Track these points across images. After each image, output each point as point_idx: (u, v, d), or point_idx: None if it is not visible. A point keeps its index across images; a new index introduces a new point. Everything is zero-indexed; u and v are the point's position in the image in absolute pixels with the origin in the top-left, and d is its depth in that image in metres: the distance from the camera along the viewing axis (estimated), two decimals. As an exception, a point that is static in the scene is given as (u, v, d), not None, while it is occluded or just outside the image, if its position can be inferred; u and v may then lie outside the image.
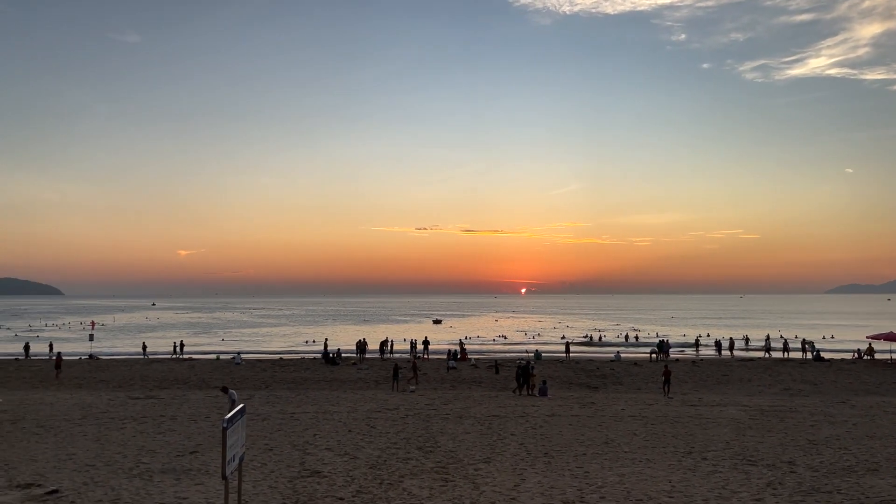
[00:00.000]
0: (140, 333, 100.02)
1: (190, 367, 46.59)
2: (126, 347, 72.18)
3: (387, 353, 56.38)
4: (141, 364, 48.80)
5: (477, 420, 22.62)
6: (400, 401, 28.22)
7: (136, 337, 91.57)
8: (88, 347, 69.68)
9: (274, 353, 63.55)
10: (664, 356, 53.29)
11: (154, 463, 15.80)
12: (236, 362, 49.40)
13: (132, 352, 65.15)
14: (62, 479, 14.19)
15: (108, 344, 76.40)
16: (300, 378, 39.77)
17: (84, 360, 53.48)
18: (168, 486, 13.65)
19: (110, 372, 42.81)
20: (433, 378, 39.85)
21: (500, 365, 44.22)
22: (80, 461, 15.99)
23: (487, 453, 17.04)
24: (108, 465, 15.62)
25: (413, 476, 14.57)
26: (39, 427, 21.09)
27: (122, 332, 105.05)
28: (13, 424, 21.62)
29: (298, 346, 75.53)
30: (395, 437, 19.24)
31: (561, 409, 25.75)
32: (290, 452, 17.12)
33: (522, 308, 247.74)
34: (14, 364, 50.09)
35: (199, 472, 14.82)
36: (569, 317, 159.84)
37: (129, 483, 13.86)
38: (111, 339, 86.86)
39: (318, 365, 48.28)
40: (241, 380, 38.81)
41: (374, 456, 16.66)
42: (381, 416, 23.63)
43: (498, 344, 77.77)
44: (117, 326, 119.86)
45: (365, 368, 45.40)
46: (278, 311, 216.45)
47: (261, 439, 18.82)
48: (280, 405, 26.70)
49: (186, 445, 18.00)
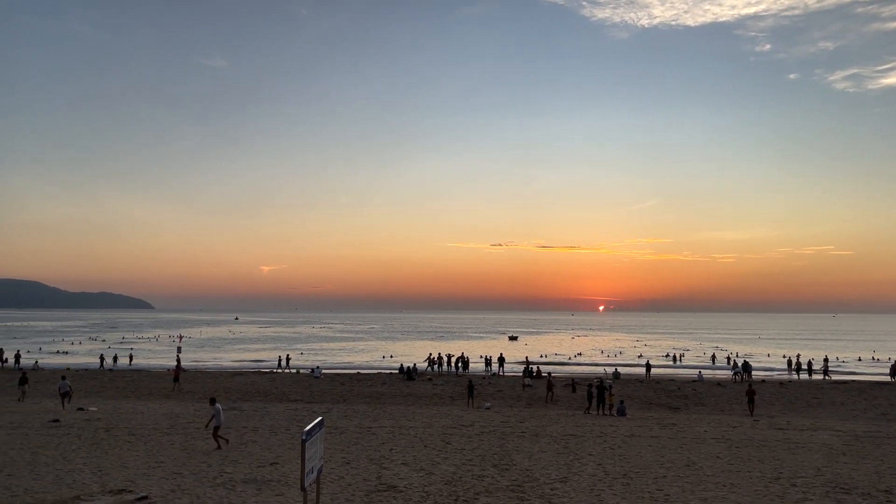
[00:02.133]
0: (225, 346, 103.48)
1: (271, 380, 47.84)
2: (211, 359, 74.70)
3: (461, 370, 56.41)
4: (225, 376, 50.40)
5: (553, 439, 22.30)
6: (475, 417, 28.14)
7: (220, 349, 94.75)
8: (175, 359, 72.58)
9: (352, 368, 64.55)
10: (748, 377, 51.33)
11: (236, 473, 16.25)
12: (315, 376, 50.41)
13: (218, 364, 67.35)
14: (151, 485, 14.77)
15: (194, 356, 79.26)
16: (377, 392, 40.21)
17: (174, 372, 55.69)
18: (249, 495, 14.00)
19: (196, 383, 44.39)
20: (509, 395, 39.58)
21: (576, 383, 43.54)
22: (167, 469, 16.61)
23: (564, 473, 16.75)
24: (193, 473, 16.16)
25: (488, 494, 14.47)
26: (131, 435, 22.04)
27: (208, 344, 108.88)
28: (107, 432, 22.67)
29: (376, 360, 76.46)
30: (470, 454, 19.17)
31: (640, 429, 25.10)
32: (367, 466, 17.29)
33: (600, 326, 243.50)
34: (108, 374, 52.62)
35: (279, 483, 15.15)
36: (648, 335, 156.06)
37: (212, 492, 14.29)
38: (197, 351, 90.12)
39: (395, 380, 48.73)
40: (319, 393, 39.56)
41: (450, 472, 16.64)
42: (457, 432, 23.60)
43: (574, 362, 76.57)
44: (203, 339, 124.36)
45: (440, 384, 45.54)
46: (356, 325, 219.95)
47: (338, 452, 19.09)
48: (357, 419, 27.04)
49: (267, 456, 18.44)
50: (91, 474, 15.86)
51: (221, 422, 20.09)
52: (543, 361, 72.14)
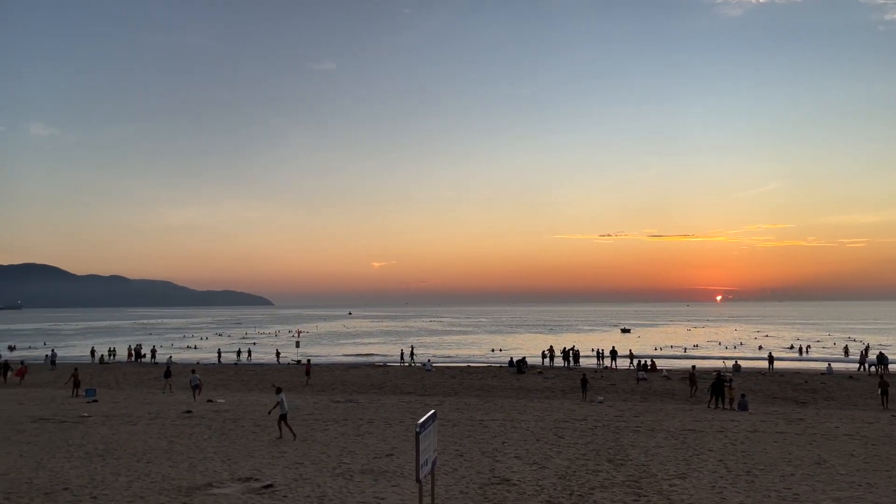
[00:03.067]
0: (340, 340, 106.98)
1: (384, 373, 49.03)
2: (327, 353, 77.37)
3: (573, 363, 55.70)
4: (341, 369, 52.06)
5: (670, 434, 21.63)
6: (588, 411, 27.72)
7: (334, 344, 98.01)
8: (295, 354, 75.71)
9: (462, 361, 65.12)
10: (883, 369, 47.83)
11: (354, 463, 16.76)
12: (427, 369, 51.21)
13: (333, 359, 69.64)
14: (275, 474, 15.48)
15: (312, 351, 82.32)
16: (488, 385, 40.37)
17: (292, 366, 58.15)
18: (367, 486, 14.41)
19: (314, 377, 46.11)
20: (622, 389, 38.75)
21: (694, 377, 42.02)
22: (290, 459, 17.35)
23: (683, 469, 16.21)
24: (314, 463, 16.80)
25: (604, 489, 14.22)
26: (256, 426, 23.19)
27: (323, 339, 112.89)
28: (234, 423, 23.95)
29: (485, 354, 76.77)
30: (584, 449, 18.91)
31: (764, 424, 23.91)
32: (480, 459, 17.40)
33: (717, 316, 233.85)
34: (234, 368, 55.58)
35: (394, 474, 15.50)
36: (770, 326, 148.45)
37: (332, 481, 14.81)
38: (314, 346, 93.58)
39: (505, 373, 48.76)
40: (431, 386, 40.16)
41: (563, 466, 16.48)
42: (570, 426, 23.34)
43: (690, 355, 73.92)
44: (319, 334, 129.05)
45: (551, 378, 45.16)
46: (465, 319, 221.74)
47: (451, 445, 19.31)
48: (469, 412, 27.26)
49: (383, 448, 18.91)
50: (221, 463, 16.80)
51: (286, 410, 20.85)
52: (658, 354, 70.09)
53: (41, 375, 46.72)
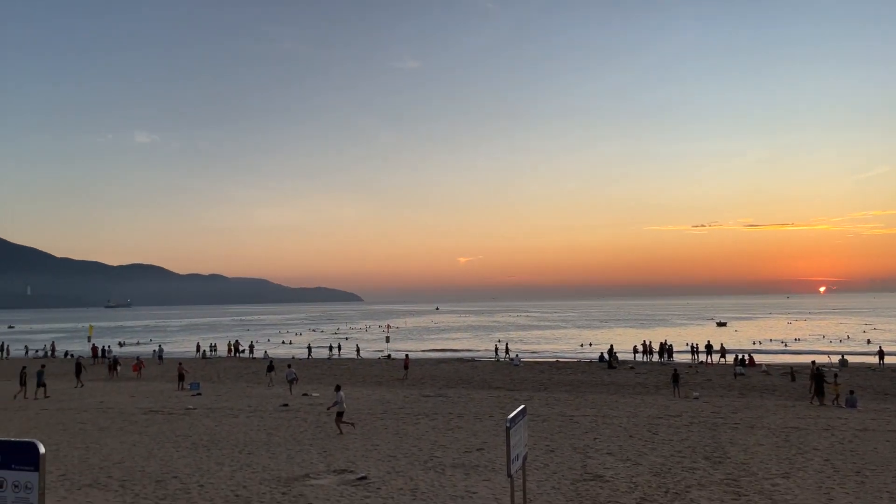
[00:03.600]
0: (428, 335, 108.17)
1: (472, 368, 49.24)
2: (416, 348, 78.37)
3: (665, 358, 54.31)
4: (430, 364, 52.62)
5: (771, 431, 20.76)
6: (683, 407, 26.96)
7: (422, 339, 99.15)
8: (385, 348, 77.12)
9: (551, 356, 64.61)
10: None
11: (445, 457, 16.92)
12: (515, 364, 51.10)
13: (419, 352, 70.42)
14: (369, 466, 15.82)
15: (401, 346, 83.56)
16: (577, 381, 39.90)
17: (382, 360, 59.25)
18: (459, 479, 14.52)
19: (402, 371, 46.78)
20: (718, 385, 37.49)
21: (796, 372, 40.18)
22: (383, 452, 17.70)
23: (786, 468, 15.54)
24: (406, 456, 17.07)
25: (701, 487, 13.81)
26: (349, 419, 23.73)
27: (412, 334, 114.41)
28: (329, 416, 24.60)
29: (574, 349, 75.89)
30: (679, 445, 18.41)
31: (874, 422, 22.61)
32: (571, 455, 17.23)
33: (821, 309, 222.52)
34: (327, 363, 57.13)
35: (485, 469, 15.55)
36: (880, 319, 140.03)
37: (424, 475, 15.01)
38: (403, 341, 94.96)
39: (596, 368, 48.05)
40: (520, 381, 40.04)
41: (658, 463, 16.10)
42: (664, 422, 22.77)
43: (792, 350, 70.68)
44: (408, 329, 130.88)
45: (644, 373, 44.18)
46: (553, 314, 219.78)
47: (542, 440, 19.21)
48: (559, 407, 27.02)
49: (473, 442, 19.00)
50: (317, 455, 17.31)
51: (344, 408, 21.20)
52: (756, 349, 67.39)
53: (150, 370, 49.40)
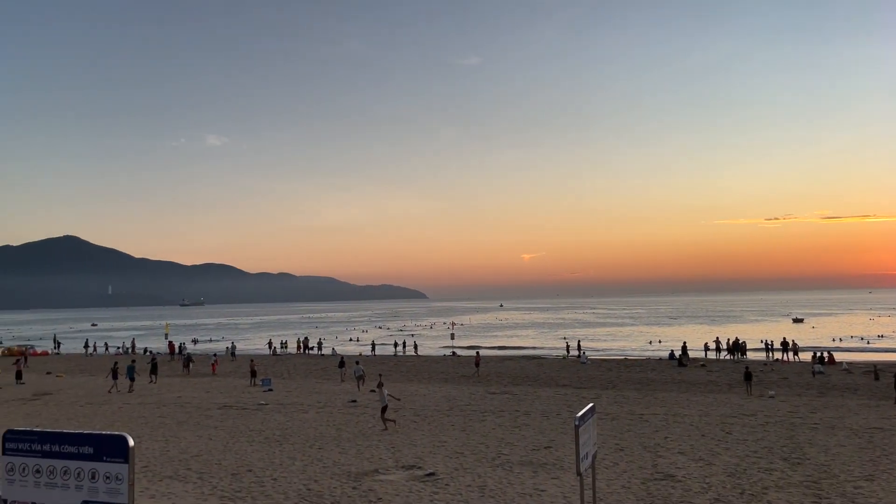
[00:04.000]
0: (493, 332, 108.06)
1: (538, 365, 48.95)
2: (481, 345, 78.41)
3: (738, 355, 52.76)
4: (495, 361, 52.55)
5: (853, 432, 19.93)
6: (757, 406, 26.15)
7: (487, 336, 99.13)
8: (450, 345, 77.43)
9: (618, 353, 63.62)
10: None
11: (513, 455, 16.88)
12: (582, 361, 50.53)
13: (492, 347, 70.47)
14: (437, 463, 15.93)
15: (466, 342, 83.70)
16: (646, 379, 39.17)
17: (448, 357, 59.51)
18: (527, 477, 14.47)
19: (470, 368, 46.88)
20: (795, 384, 36.19)
21: (880, 370, 38.42)
22: (450, 448, 17.79)
23: (869, 470, 14.90)
24: (473, 453, 17.12)
25: (778, 489, 13.38)
26: (416, 416, 23.97)
27: (477, 331, 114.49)
28: (396, 412, 24.87)
29: (642, 346, 74.54)
30: (754, 445, 17.87)
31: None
32: (641, 454, 16.94)
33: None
34: (393, 360, 57.76)
35: (554, 467, 15.45)
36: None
37: (492, 472, 15.01)
38: (468, 337, 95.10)
39: (665, 365, 47.09)
40: (587, 379, 39.57)
41: (733, 464, 15.67)
42: (738, 421, 22.14)
43: (874, 347, 67.63)
44: (472, 326, 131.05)
45: (715, 370, 43.04)
46: (620, 310, 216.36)
47: (611, 439, 18.95)
48: (628, 405, 26.60)
49: (541, 440, 18.90)
50: (385, 450, 17.54)
51: (386, 403, 21.63)
52: (836, 346, 64.76)
53: (223, 366, 50.91)
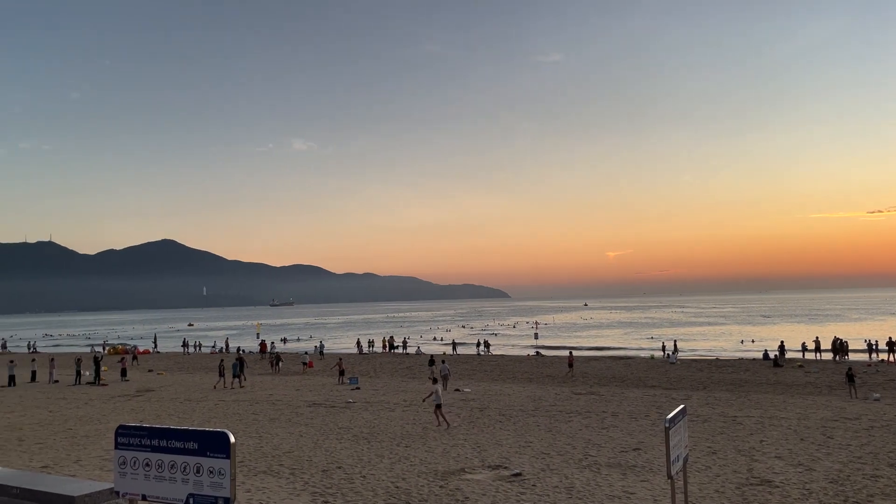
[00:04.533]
0: (578, 331, 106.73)
1: (625, 365, 48.02)
2: (566, 345, 77.60)
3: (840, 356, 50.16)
4: (580, 361, 51.90)
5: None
6: (861, 410, 24.81)
7: (571, 336, 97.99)
8: (533, 344, 76.99)
9: (709, 353, 61.70)
10: None
11: (600, 456, 16.64)
12: (671, 361, 49.26)
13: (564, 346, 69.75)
14: (523, 463, 15.88)
15: (550, 342, 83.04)
16: (739, 380, 37.83)
17: (532, 357, 59.18)
18: (615, 479, 14.24)
19: (554, 367, 46.50)
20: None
21: None
22: (536, 449, 17.70)
23: None
24: (560, 454, 16.97)
25: (885, 497, 12.67)
26: (501, 416, 23.96)
27: (561, 330, 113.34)
28: (481, 412, 24.97)
29: (735, 346, 72.02)
30: (858, 451, 16.97)
31: None
32: (735, 457, 16.38)
33: None
34: (477, 359, 57.92)
35: (643, 469, 15.14)
36: None
37: (579, 473, 14.85)
38: (552, 337, 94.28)
39: (759, 366, 45.34)
40: (676, 379, 38.57)
41: (835, 470, 14.93)
42: (840, 425, 21.07)
43: None
44: (556, 326, 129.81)
45: (814, 371, 41.11)
46: (710, 309, 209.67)
47: (703, 441, 18.41)
48: (720, 407, 25.75)
49: (629, 442, 18.54)
50: (471, 450, 17.61)
51: (440, 401, 21.82)
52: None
53: (310, 367, 52.32)
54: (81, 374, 39.66)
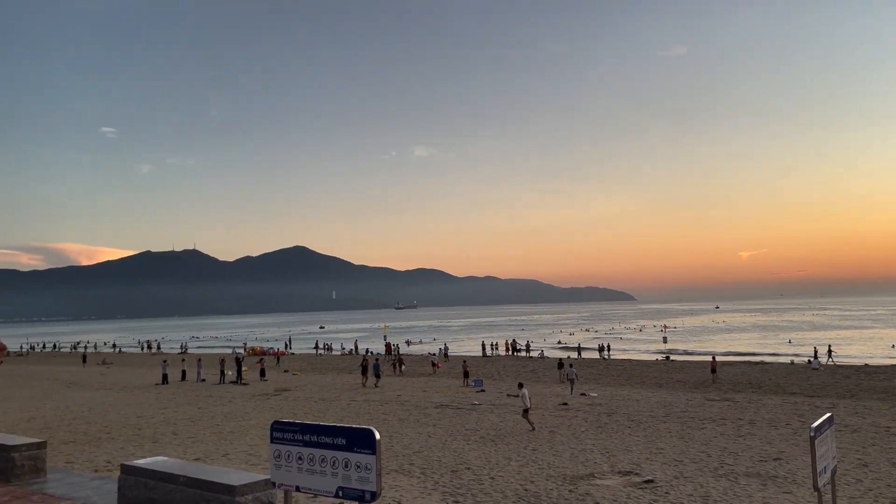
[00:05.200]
0: (709, 335, 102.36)
1: (762, 371, 45.65)
2: (697, 349, 74.59)
3: None
4: (712, 366, 49.80)
5: None
6: None
7: (702, 340, 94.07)
8: (663, 348, 74.60)
9: (857, 359, 57.50)
10: None
11: (737, 465, 15.95)
12: (813, 367, 46.35)
13: (701, 351, 67.03)
14: (654, 470, 15.49)
15: (680, 346, 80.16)
16: (892, 387, 35.02)
17: (661, 362, 57.39)
18: (754, 490, 13.62)
19: (685, 373, 44.91)
20: None
21: None
22: (668, 456, 17.20)
23: None
24: (693, 462, 16.42)
25: None
26: (630, 421, 23.45)
27: (691, 334, 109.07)
28: (608, 417, 24.55)
29: (887, 351, 66.67)
30: None
31: None
32: (890, 471, 15.22)
33: None
34: (603, 363, 56.85)
35: (785, 480, 14.38)
36: None
37: (715, 482, 14.31)
38: (682, 341, 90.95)
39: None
40: (820, 386, 36.26)
41: None
42: None
43: None
44: (686, 329, 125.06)
45: (981, 380, 37.41)
46: (857, 311, 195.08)
47: (852, 453, 17.23)
48: (871, 417, 23.98)
49: (768, 451, 17.65)
50: (600, 455, 17.38)
51: (528, 405, 22.19)
52: None
53: (438, 369, 53.26)
54: (225, 373, 42.39)
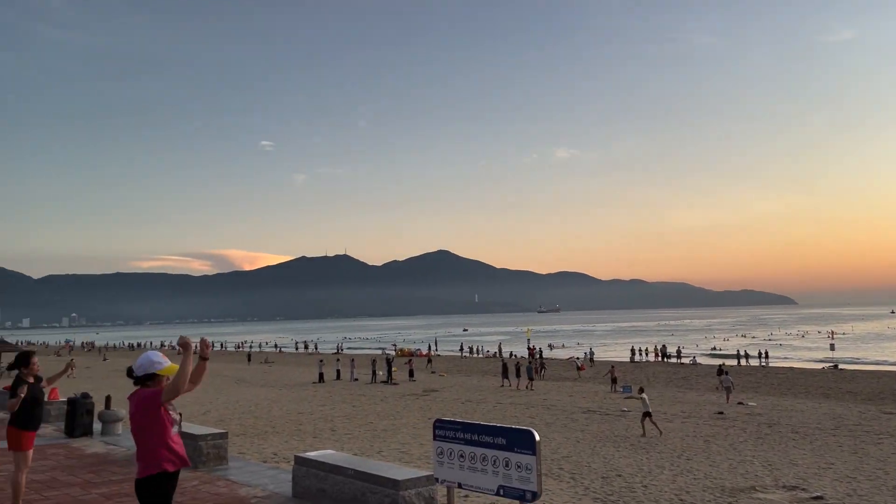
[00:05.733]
0: (883, 342, 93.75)
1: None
2: (869, 357, 68.59)
3: None
4: (890, 377, 45.66)
5: None
6: None
7: (877, 348, 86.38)
8: (830, 356, 69.23)
9: None
10: None
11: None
12: None
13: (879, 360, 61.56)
14: (824, 486, 14.48)
15: (848, 354, 74.04)
16: None
17: (828, 370, 53.33)
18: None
19: (856, 383, 41.51)
20: None
21: None
22: (839, 471, 16.03)
23: None
24: (869, 479, 15.19)
25: None
26: (794, 433, 22.03)
27: (863, 341, 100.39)
28: (770, 428, 23.19)
29: None
30: None
31: None
32: None
33: None
34: (762, 371, 53.66)
35: (980, 505, 12.99)
36: None
37: (893, 501, 13.19)
38: (851, 349, 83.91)
39: None
40: None
41: None
42: None
43: None
44: (855, 336, 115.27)
45: None
46: None
47: None
48: None
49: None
50: (761, 467, 16.48)
51: (648, 409, 21.84)
52: None
53: (584, 371, 52.52)
54: (376, 373, 44.12)
